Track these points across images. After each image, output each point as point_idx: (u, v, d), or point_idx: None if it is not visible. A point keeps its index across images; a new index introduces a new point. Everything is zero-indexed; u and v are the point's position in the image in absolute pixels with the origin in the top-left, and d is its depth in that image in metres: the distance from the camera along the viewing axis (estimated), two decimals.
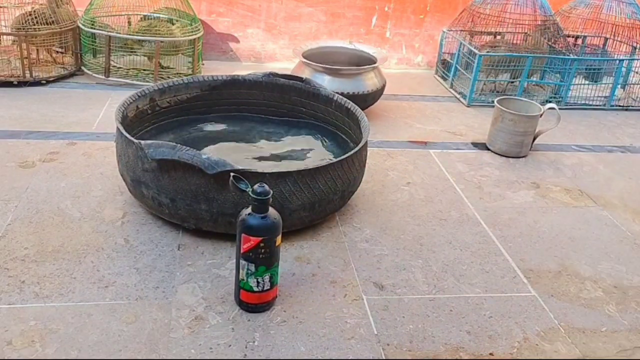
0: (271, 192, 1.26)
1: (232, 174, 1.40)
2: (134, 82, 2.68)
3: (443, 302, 1.45)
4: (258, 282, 1.30)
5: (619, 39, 3.10)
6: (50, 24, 2.55)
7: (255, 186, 1.26)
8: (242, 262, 1.28)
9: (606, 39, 3.20)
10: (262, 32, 3.28)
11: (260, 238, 1.25)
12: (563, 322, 1.43)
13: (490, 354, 1.30)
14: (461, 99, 2.93)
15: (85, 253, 1.50)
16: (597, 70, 3.00)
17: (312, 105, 2.10)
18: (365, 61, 2.66)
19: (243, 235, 1.26)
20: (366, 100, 2.49)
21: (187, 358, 1.20)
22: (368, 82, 2.50)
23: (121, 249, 1.53)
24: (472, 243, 1.72)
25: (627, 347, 1.37)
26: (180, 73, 2.76)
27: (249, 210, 1.26)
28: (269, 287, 1.32)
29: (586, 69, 3.01)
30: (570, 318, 1.45)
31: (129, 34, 2.71)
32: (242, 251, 1.27)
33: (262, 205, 1.25)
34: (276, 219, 1.27)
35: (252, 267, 1.28)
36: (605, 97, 3.00)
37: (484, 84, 3.01)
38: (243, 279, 1.30)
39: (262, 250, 1.26)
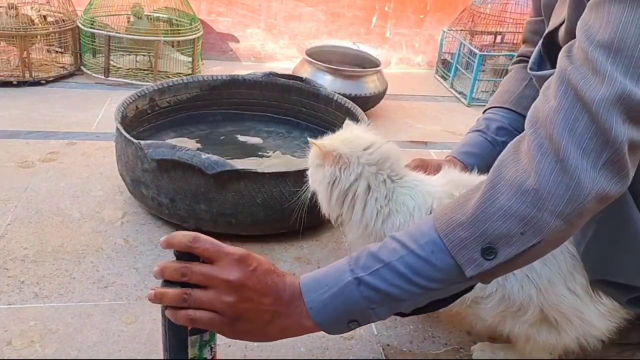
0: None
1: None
2: (134, 82, 2.68)
3: None
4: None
5: None
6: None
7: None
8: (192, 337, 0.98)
9: None
10: (262, 31, 3.28)
11: None
12: None
13: None
14: (461, 99, 2.92)
15: (85, 253, 1.49)
16: None
17: (312, 105, 2.10)
18: (367, 63, 2.66)
19: None
20: (367, 103, 2.48)
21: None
22: (370, 84, 2.50)
23: (121, 249, 1.52)
24: None
25: (628, 347, 1.36)
26: (180, 73, 2.76)
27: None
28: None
29: None
30: None
31: (129, 34, 2.71)
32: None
33: None
34: None
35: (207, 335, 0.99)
36: None
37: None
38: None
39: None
